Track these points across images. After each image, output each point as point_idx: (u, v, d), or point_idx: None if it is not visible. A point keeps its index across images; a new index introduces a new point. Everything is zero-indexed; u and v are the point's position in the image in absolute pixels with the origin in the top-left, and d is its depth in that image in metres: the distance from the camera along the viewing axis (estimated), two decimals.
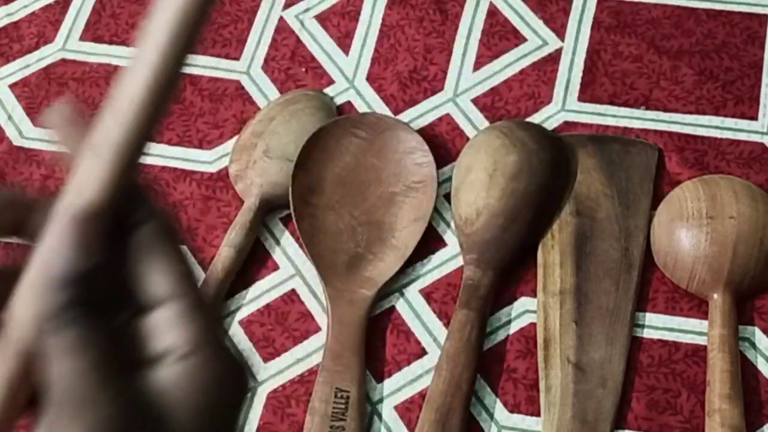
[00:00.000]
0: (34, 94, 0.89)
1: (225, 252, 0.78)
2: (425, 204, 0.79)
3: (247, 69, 0.89)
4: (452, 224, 0.79)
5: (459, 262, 0.78)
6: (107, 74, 0.89)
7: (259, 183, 0.81)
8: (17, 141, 0.86)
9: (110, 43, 0.91)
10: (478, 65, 0.87)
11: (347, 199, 0.80)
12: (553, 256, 0.77)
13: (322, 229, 0.79)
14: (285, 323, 0.77)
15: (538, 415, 0.72)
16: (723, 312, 0.73)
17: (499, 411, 0.73)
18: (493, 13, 0.89)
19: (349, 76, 0.87)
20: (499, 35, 0.88)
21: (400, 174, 0.81)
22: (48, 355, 0.38)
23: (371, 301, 0.76)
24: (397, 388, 0.74)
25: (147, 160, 0.86)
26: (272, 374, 0.75)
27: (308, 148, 0.81)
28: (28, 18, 0.93)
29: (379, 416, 0.73)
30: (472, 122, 0.84)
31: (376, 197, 0.80)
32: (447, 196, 0.81)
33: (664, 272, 0.76)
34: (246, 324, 0.77)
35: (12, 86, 0.89)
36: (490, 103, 0.85)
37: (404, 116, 0.85)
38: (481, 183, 0.79)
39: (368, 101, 0.86)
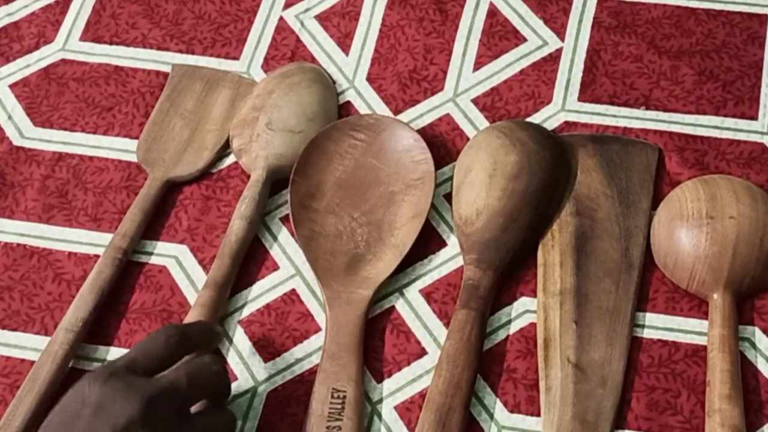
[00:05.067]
0: (34, 94, 0.89)
1: (237, 224, 0.79)
2: (423, 200, 0.79)
3: (247, 69, 0.89)
4: (452, 224, 0.79)
5: (459, 262, 0.78)
6: (107, 74, 0.89)
7: (264, 155, 0.82)
8: (17, 141, 0.86)
9: (110, 43, 0.91)
10: (478, 65, 0.87)
11: (347, 202, 0.80)
12: (553, 256, 0.77)
13: (322, 233, 0.79)
14: (285, 323, 0.77)
15: (538, 415, 0.72)
16: (723, 312, 0.73)
17: (499, 411, 0.73)
18: (493, 13, 0.90)
19: (349, 76, 0.87)
20: (499, 35, 0.88)
21: (399, 173, 0.81)
22: None
23: (369, 301, 0.76)
24: (397, 388, 0.74)
25: None
26: (272, 374, 0.75)
27: (307, 154, 0.81)
28: (28, 18, 0.93)
29: (379, 416, 0.73)
30: (472, 122, 0.84)
31: (376, 197, 0.80)
32: (447, 196, 0.81)
33: (664, 272, 0.77)
34: (246, 324, 0.77)
35: (12, 86, 0.89)
36: (490, 103, 0.85)
37: (404, 116, 0.85)
38: (481, 183, 0.79)
39: (368, 101, 0.86)
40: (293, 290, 0.78)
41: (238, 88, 0.87)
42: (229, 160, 0.84)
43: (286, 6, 0.92)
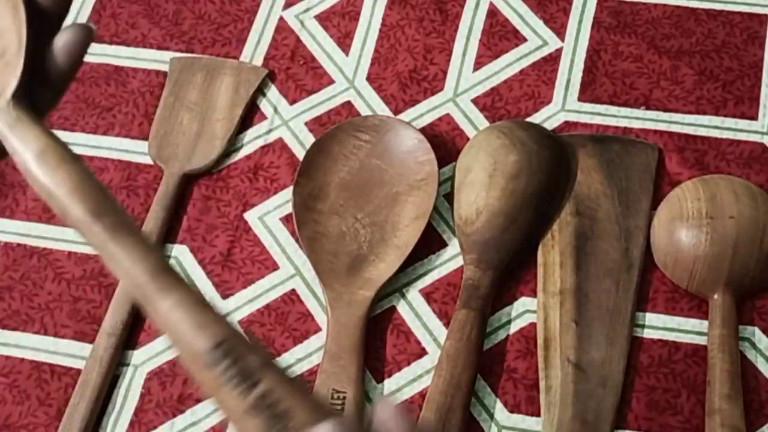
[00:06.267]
0: None
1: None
2: (426, 201, 0.79)
3: None
4: (452, 224, 0.79)
5: (459, 262, 0.78)
6: (107, 74, 0.89)
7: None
8: None
9: (110, 43, 0.91)
10: (478, 65, 0.87)
11: (351, 203, 0.80)
12: (553, 256, 0.77)
13: (325, 234, 0.79)
14: (285, 323, 0.77)
15: (538, 415, 0.72)
16: (723, 312, 0.73)
17: (499, 411, 0.73)
18: (493, 13, 0.89)
19: (349, 76, 0.87)
20: (499, 35, 0.88)
21: (403, 173, 0.81)
22: None
23: (370, 302, 0.76)
24: (397, 388, 0.74)
25: (149, 159, 0.86)
26: None
27: (311, 155, 0.81)
28: None
29: None
30: (472, 122, 0.84)
31: (381, 198, 0.80)
32: (447, 196, 0.81)
33: (664, 272, 0.76)
34: (246, 324, 0.77)
35: None
36: (490, 103, 0.85)
37: (404, 116, 0.85)
38: (481, 183, 0.79)
39: (368, 101, 0.86)
40: (293, 290, 0.78)
41: (240, 74, 0.87)
42: (235, 155, 0.84)
43: (286, 6, 0.92)
